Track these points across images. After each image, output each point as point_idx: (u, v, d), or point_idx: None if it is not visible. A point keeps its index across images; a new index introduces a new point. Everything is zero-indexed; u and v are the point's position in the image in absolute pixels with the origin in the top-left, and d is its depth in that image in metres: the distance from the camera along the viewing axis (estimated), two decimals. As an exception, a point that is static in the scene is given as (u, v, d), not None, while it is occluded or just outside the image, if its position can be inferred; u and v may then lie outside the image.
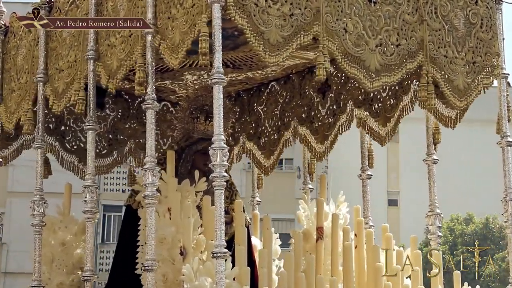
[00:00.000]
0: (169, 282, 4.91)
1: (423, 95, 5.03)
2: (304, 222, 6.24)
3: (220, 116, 4.34)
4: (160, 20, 4.75)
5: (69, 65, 5.42)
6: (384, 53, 4.86)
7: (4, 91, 6.07)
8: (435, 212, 5.88)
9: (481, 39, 5.34)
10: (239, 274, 4.65)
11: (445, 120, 5.61)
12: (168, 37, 4.67)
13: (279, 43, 4.46)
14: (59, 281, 5.75)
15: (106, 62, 5.13)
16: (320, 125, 6.34)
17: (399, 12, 4.98)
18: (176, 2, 4.61)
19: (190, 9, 4.49)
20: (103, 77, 5.13)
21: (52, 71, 5.61)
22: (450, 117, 5.60)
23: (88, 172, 5.30)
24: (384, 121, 5.95)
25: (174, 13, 4.62)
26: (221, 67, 4.35)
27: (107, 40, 5.15)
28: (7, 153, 6.50)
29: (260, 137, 6.74)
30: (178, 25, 4.58)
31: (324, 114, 6.29)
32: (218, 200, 4.30)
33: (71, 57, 5.41)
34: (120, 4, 5.03)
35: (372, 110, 6.04)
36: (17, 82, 5.91)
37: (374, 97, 6.01)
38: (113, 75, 5.02)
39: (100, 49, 5.20)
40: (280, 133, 6.62)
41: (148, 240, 4.70)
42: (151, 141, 4.78)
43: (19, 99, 5.93)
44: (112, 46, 5.08)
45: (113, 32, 5.07)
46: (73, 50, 5.40)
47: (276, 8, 4.46)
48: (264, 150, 6.73)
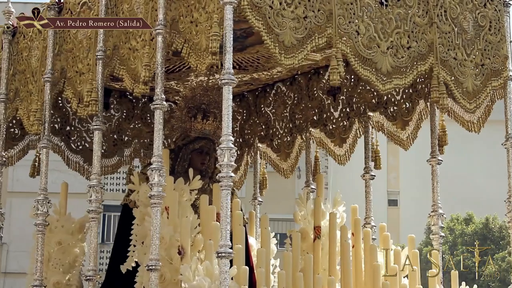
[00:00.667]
0: (167, 281, 4.90)
1: (435, 96, 5.05)
2: (301, 222, 6.24)
3: (229, 116, 4.34)
4: (182, 24, 4.75)
5: (89, 68, 5.40)
6: (395, 56, 4.89)
7: (22, 94, 6.04)
8: (437, 212, 5.89)
9: (490, 41, 5.37)
10: (238, 274, 4.65)
11: (467, 124, 5.67)
12: (193, 42, 4.68)
13: (294, 45, 4.48)
14: (56, 280, 5.75)
15: (130, 66, 5.11)
16: (335, 128, 6.37)
17: (410, 14, 5.00)
18: (198, 6, 4.62)
19: (213, 13, 4.50)
20: (127, 81, 5.12)
21: (71, 74, 5.58)
22: (472, 121, 5.65)
23: (94, 172, 5.30)
24: (403, 125, 5.99)
25: (197, 17, 4.63)
26: (231, 68, 4.35)
27: (128, 43, 5.13)
28: (12, 153, 6.50)
29: (273, 139, 6.76)
30: (203, 29, 4.59)
31: (338, 117, 6.32)
32: (225, 200, 4.30)
33: (90, 60, 5.39)
34: (137, 7, 5.02)
35: (388, 114, 6.09)
36: (35, 84, 5.90)
37: (388, 100, 6.05)
38: (139, 79, 4.99)
39: (121, 52, 5.18)
40: (293, 135, 6.64)
41: (153, 239, 4.71)
42: (158, 141, 4.78)
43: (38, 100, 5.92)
44: (134, 49, 5.07)
45: (133, 35, 5.07)
46: (91, 53, 5.37)
47: (290, 10, 4.47)
48: (279, 152, 6.74)
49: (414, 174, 22.60)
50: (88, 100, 5.28)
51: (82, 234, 5.90)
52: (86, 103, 5.29)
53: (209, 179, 5.81)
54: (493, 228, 19.28)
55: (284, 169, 6.77)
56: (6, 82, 6.11)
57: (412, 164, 22.59)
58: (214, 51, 4.44)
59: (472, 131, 5.69)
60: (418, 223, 19.58)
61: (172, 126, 6.08)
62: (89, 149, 6.71)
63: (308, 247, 5.92)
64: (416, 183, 22.13)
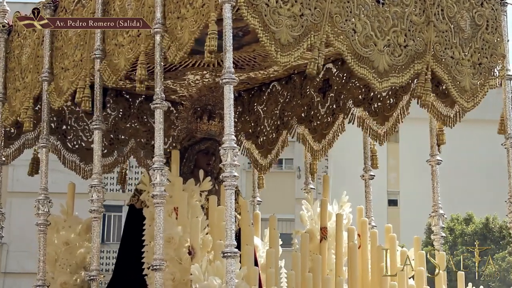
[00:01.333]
0: (177, 281, 4.92)
1: (419, 91, 5.05)
2: (308, 223, 6.25)
3: (231, 116, 4.33)
4: (169, 20, 4.75)
5: (74, 64, 5.42)
6: (392, 54, 4.89)
7: (9, 91, 6.07)
8: (438, 212, 5.90)
9: (487, 40, 5.37)
10: (248, 274, 4.67)
11: (443, 119, 5.62)
12: (176, 37, 4.68)
13: (290, 43, 4.47)
14: (63, 281, 5.76)
15: (112, 61, 5.13)
16: (318, 124, 6.33)
17: (407, 13, 5.00)
18: (186, 1, 4.61)
19: (200, 9, 4.50)
20: (106, 74, 5.14)
21: (57, 70, 5.61)
22: (448, 116, 5.61)
23: (95, 172, 5.31)
24: (382, 120, 5.93)
25: (184, 12, 4.62)
26: (231, 67, 4.34)
27: (115, 39, 5.15)
28: (8, 152, 6.50)
29: (259, 136, 6.74)
30: (187, 24, 4.58)
31: (323, 114, 6.28)
32: (229, 200, 4.29)
33: (76, 56, 5.41)
34: (128, 4, 5.03)
35: (371, 109, 6.03)
36: (22, 81, 5.92)
37: (374, 97, 6.01)
38: (117, 73, 5.03)
39: (107, 48, 5.20)
40: (279, 132, 6.61)
41: (156, 239, 4.71)
42: (159, 140, 4.78)
43: (23, 98, 5.94)
44: (120, 45, 5.09)
45: (120, 32, 5.08)
46: (79, 49, 5.40)
47: (287, 8, 4.47)
48: (262, 148, 6.72)
49: (414, 174, 22.59)
50: (81, 96, 5.29)
51: (89, 234, 5.90)
52: (79, 99, 5.30)
53: (214, 180, 5.82)
54: (493, 228, 19.27)
55: (262, 165, 6.72)
56: (4, 81, 6.13)
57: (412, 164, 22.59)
58: (212, 49, 4.43)
59: (447, 125, 5.66)
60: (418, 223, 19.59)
61: (176, 127, 6.10)
62: (85, 148, 6.72)
63: (315, 248, 5.94)
64: (416, 183, 22.12)
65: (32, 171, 6.49)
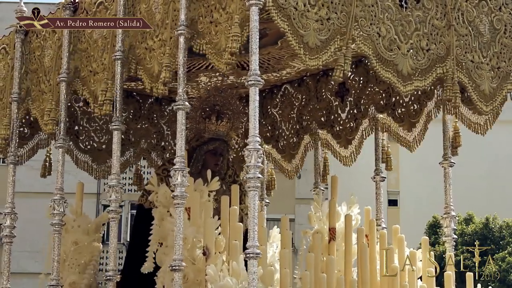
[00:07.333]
0: (190, 282, 4.94)
1: (448, 94, 5.09)
2: (316, 223, 6.28)
3: (255, 117, 4.33)
4: (201, 24, 4.78)
5: (103, 67, 5.43)
6: (415, 58, 4.93)
7: (33, 93, 6.06)
8: (450, 214, 5.92)
9: (505, 44, 5.42)
10: (263, 274, 4.68)
11: (474, 127, 5.71)
12: (213, 42, 4.70)
13: (317, 46, 4.50)
14: (72, 280, 5.79)
15: (146, 66, 5.15)
16: (341, 129, 6.43)
17: (429, 17, 5.04)
18: (218, 6, 4.65)
19: (234, 14, 4.52)
20: (145, 81, 5.15)
21: (85, 73, 5.61)
22: (478, 123, 5.70)
23: (113, 172, 5.32)
24: (409, 126, 6.04)
25: (217, 17, 4.66)
26: (257, 69, 4.36)
27: (144, 43, 5.16)
28: (22, 152, 6.51)
29: (278, 140, 6.81)
30: (222, 30, 4.61)
31: (345, 118, 6.38)
32: (252, 202, 4.30)
33: (105, 59, 5.42)
34: (156, 7, 5.04)
35: (396, 115, 6.13)
36: (48, 84, 5.91)
37: (396, 102, 6.11)
38: (155, 79, 5.03)
39: (137, 52, 5.21)
40: (300, 136, 6.70)
41: (176, 240, 4.72)
42: (181, 141, 4.81)
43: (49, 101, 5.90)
44: (150, 49, 5.10)
45: (149, 35, 5.09)
46: (106, 52, 5.40)
47: (314, 12, 4.50)
48: (284, 153, 6.78)
49: (414, 174, 22.62)
50: (103, 99, 5.31)
51: (98, 234, 5.93)
52: (101, 102, 5.32)
53: (221, 180, 5.85)
54: (493, 228, 19.28)
55: (289, 170, 6.82)
56: (19, 81, 6.13)
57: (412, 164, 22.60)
58: (234, 51, 4.47)
59: (479, 133, 5.72)
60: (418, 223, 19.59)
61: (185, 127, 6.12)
62: (98, 149, 6.75)
63: (323, 249, 5.95)
64: (416, 183, 22.15)
65: (45, 172, 6.51)
